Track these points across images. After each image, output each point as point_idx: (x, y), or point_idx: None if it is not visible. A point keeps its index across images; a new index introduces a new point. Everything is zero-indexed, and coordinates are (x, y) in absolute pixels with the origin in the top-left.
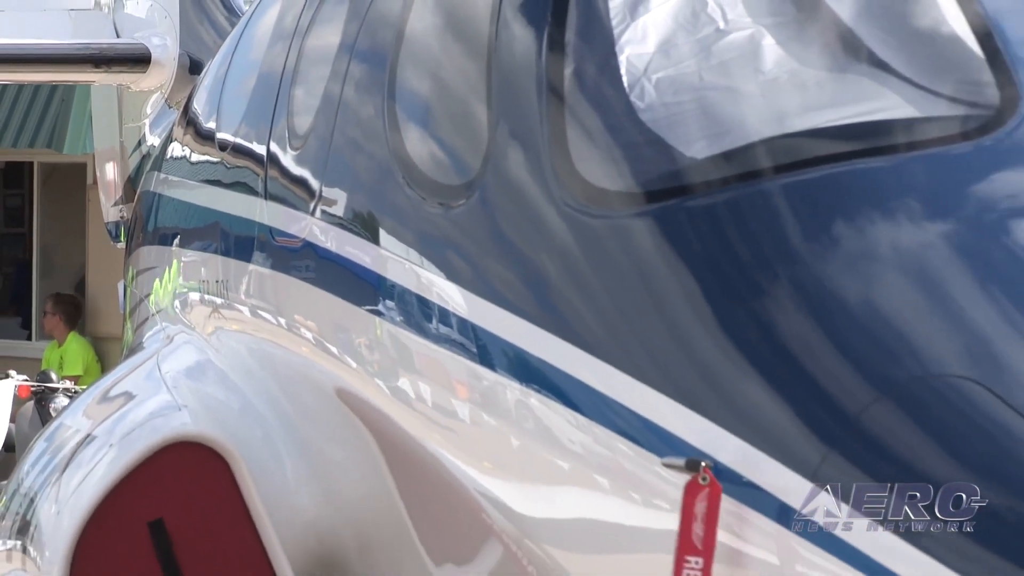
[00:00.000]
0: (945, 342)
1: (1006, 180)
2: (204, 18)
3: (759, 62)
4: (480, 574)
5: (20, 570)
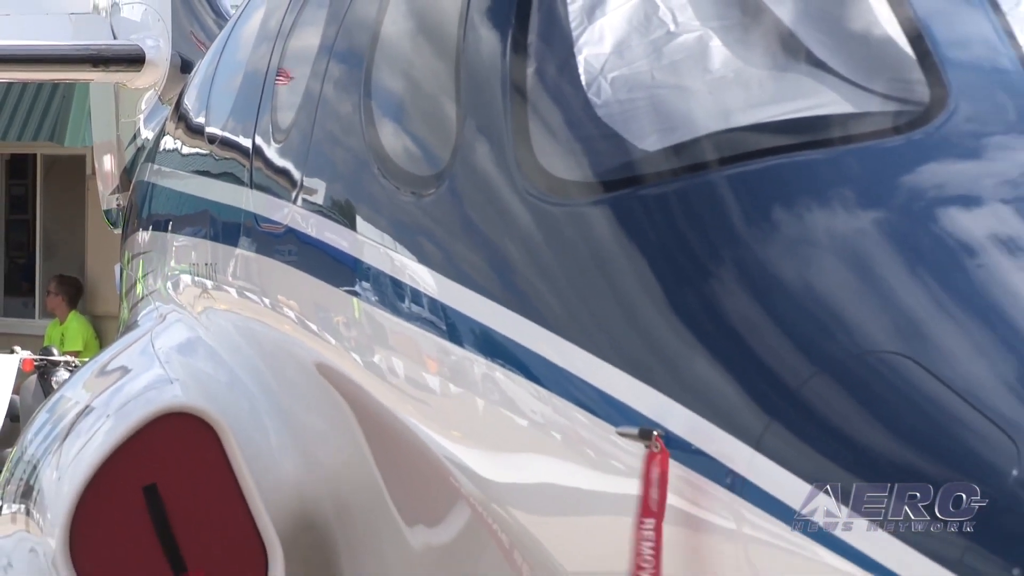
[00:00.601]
0: (877, 321)
1: (934, 171)
2: (194, 21)
3: (706, 62)
4: (449, 535)
5: (24, 531)
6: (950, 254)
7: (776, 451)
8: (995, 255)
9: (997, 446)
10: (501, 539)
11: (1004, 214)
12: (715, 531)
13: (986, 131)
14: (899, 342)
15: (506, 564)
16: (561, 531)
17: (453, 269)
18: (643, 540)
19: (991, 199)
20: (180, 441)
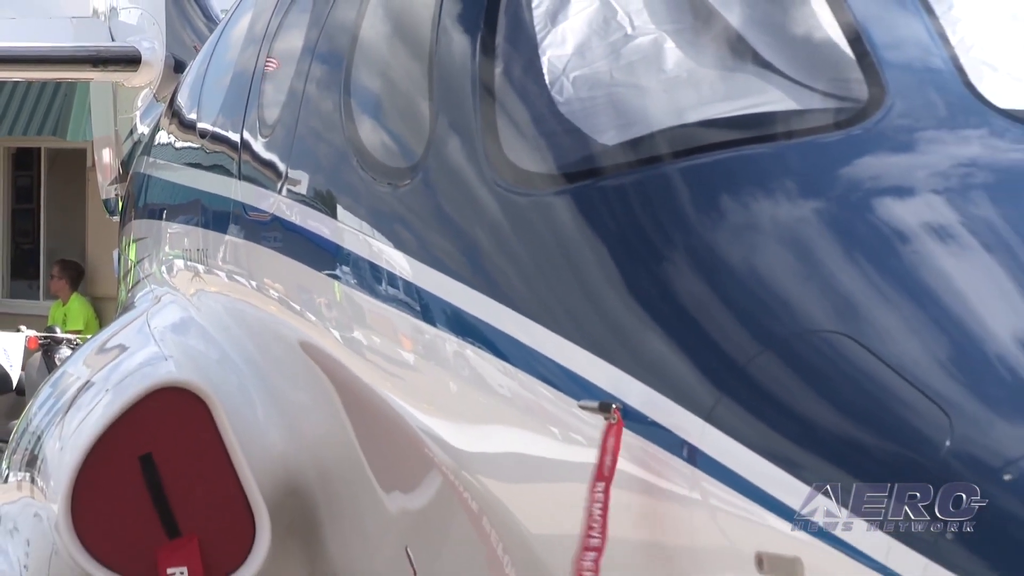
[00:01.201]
0: (817, 302)
1: (871, 164)
2: (187, 25)
3: (661, 63)
4: (423, 500)
5: (29, 497)
6: (885, 241)
7: (726, 423)
8: (927, 242)
9: (930, 418)
10: (470, 504)
11: (935, 203)
12: (670, 497)
13: (920, 127)
14: (838, 322)
15: (475, 527)
16: (526, 496)
17: (426, 254)
18: (594, 502)
19: (923, 190)
20: (174, 414)
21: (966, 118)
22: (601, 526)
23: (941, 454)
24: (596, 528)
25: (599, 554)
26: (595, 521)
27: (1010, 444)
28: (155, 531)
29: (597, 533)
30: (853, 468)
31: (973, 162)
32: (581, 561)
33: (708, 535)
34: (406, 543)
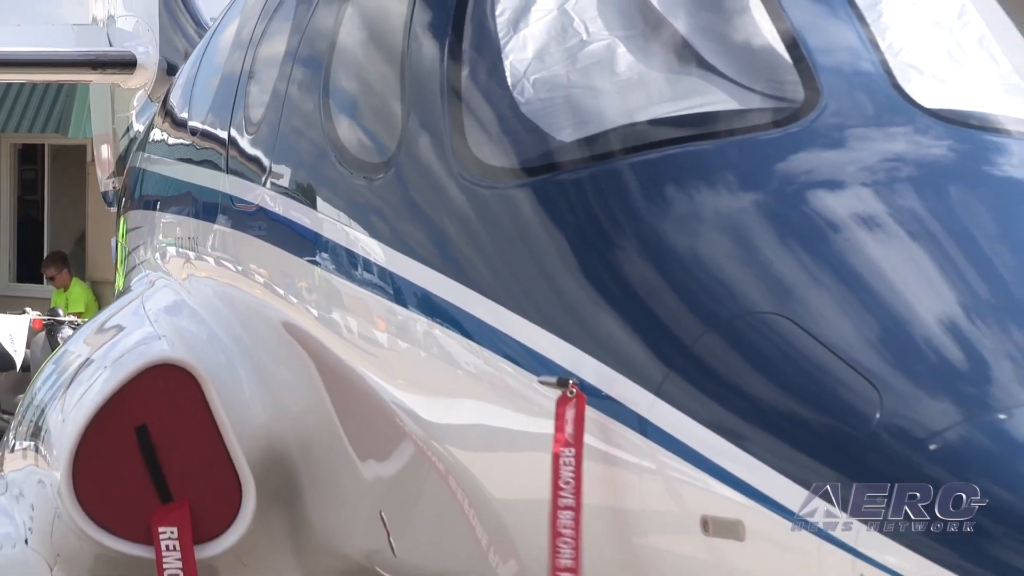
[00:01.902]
0: (757, 286)
1: (806, 160)
2: (178, 31)
3: (613, 66)
4: (396, 467)
5: (33, 466)
6: (819, 230)
7: (673, 397)
8: (856, 231)
9: (861, 392)
10: (440, 470)
11: (865, 196)
12: (622, 464)
13: (851, 125)
14: (775, 304)
15: (443, 492)
16: (490, 464)
17: (398, 242)
18: (562, 467)
19: (853, 183)
20: (167, 388)
21: (894, 117)
22: (574, 489)
23: (871, 426)
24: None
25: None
26: (565, 483)
27: (934, 416)
28: (149, 496)
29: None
30: (790, 438)
31: (899, 157)
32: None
33: (658, 500)
34: (380, 507)
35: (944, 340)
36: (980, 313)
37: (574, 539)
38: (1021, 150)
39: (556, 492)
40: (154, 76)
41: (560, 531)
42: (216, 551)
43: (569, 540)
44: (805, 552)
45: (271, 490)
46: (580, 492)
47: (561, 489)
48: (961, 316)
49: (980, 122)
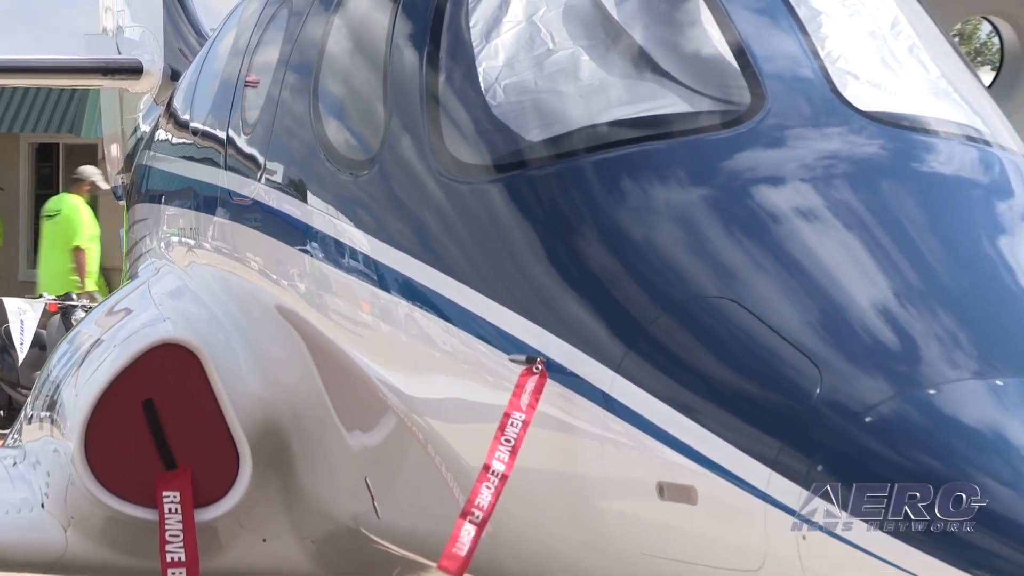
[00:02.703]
0: (708, 273)
1: (752, 157)
2: (181, 40)
3: (577, 73)
4: (379, 437)
5: (49, 436)
6: (763, 221)
7: (632, 374)
8: (797, 222)
9: (802, 370)
10: (419, 440)
11: (804, 190)
12: (586, 435)
13: (793, 126)
14: (724, 288)
15: (423, 460)
16: (465, 434)
17: (381, 232)
18: (508, 426)
19: (795, 179)
20: (171, 366)
21: (832, 118)
22: (512, 450)
23: (812, 400)
24: (504, 448)
25: (504, 477)
26: (506, 442)
27: (869, 392)
28: (154, 463)
29: (504, 454)
30: (738, 411)
31: (836, 155)
32: (486, 473)
33: (618, 467)
34: (365, 474)
35: (877, 323)
36: (910, 298)
37: (495, 492)
38: (947, 148)
39: (494, 446)
40: (159, 81)
41: (488, 477)
42: (216, 514)
43: (491, 487)
44: (751, 514)
45: (265, 458)
46: (515, 455)
47: (500, 445)
48: (893, 301)
49: (911, 123)
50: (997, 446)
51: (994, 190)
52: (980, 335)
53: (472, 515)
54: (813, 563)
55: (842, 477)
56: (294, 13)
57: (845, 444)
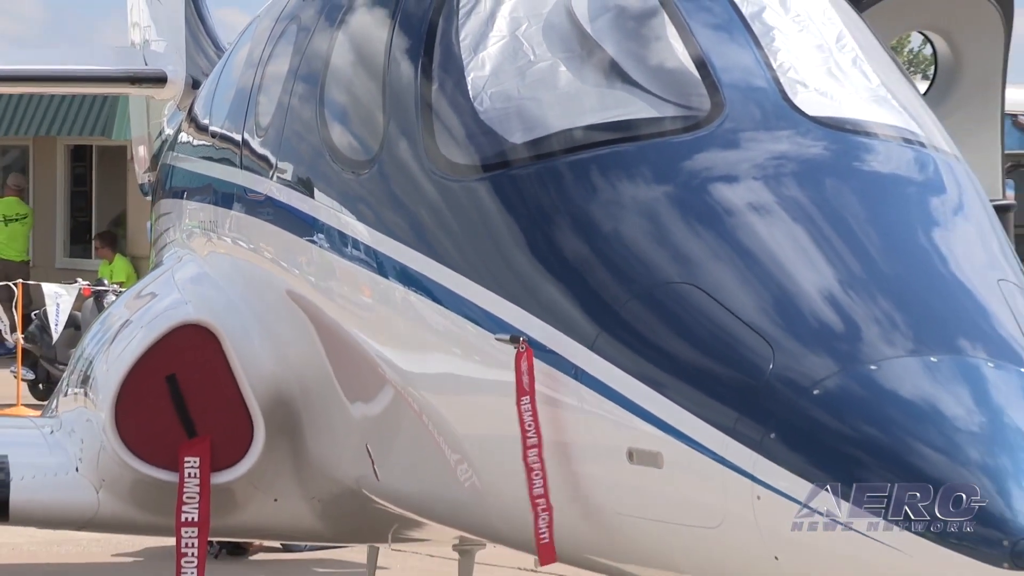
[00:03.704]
0: (672, 261)
1: (712, 158)
2: (201, 53)
3: (555, 83)
4: (379, 408)
5: (83, 407)
6: (722, 215)
7: (605, 351)
8: (752, 216)
9: (757, 348)
10: (415, 410)
11: (758, 187)
12: (563, 407)
13: (748, 129)
14: (686, 275)
15: (418, 427)
16: (456, 405)
17: (381, 225)
18: (524, 412)
19: (749, 177)
20: (192, 344)
21: (783, 123)
22: (535, 429)
23: (765, 375)
24: (531, 433)
25: (539, 449)
26: (528, 426)
27: (817, 368)
28: (177, 431)
29: (533, 434)
30: (699, 385)
31: (787, 156)
32: (527, 458)
33: (592, 435)
34: (366, 441)
35: (823, 306)
36: (852, 284)
37: (542, 470)
38: (886, 149)
39: (524, 433)
40: (181, 89)
41: (531, 466)
42: (232, 477)
43: (539, 472)
44: (712, 477)
45: (277, 427)
46: (540, 432)
47: (527, 431)
48: (837, 286)
49: (854, 127)
50: (929, 415)
51: (928, 187)
52: (915, 317)
53: (539, 505)
54: (766, 520)
55: (793, 444)
56: (302, 29)
57: (795, 414)
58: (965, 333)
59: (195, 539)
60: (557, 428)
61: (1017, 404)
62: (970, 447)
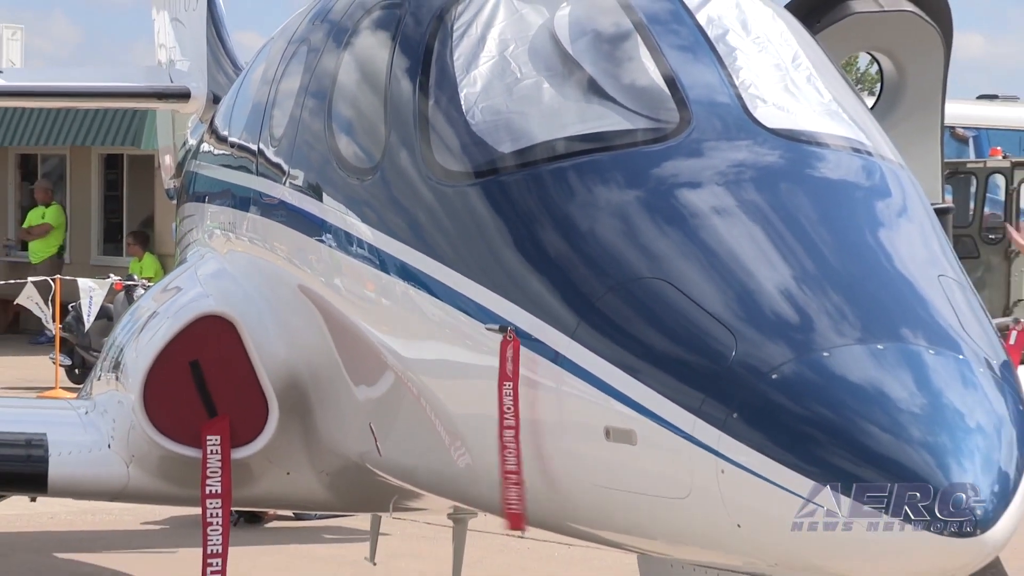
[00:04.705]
0: (643, 258)
1: (680, 165)
2: (221, 71)
3: (540, 98)
4: (381, 391)
5: (115, 390)
6: (689, 217)
7: (584, 339)
8: (716, 217)
9: (721, 337)
10: (413, 392)
11: (721, 192)
12: (546, 390)
13: (713, 139)
14: (657, 271)
15: (416, 408)
16: (450, 387)
17: (382, 225)
18: (505, 396)
19: (712, 183)
20: (213, 333)
21: (744, 134)
22: (513, 412)
23: (728, 362)
24: (509, 416)
25: (515, 431)
26: (507, 409)
27: (774, 355)
28: (199, 412)
29: (511, 417)
30: (669, 370)
31: (746, 164)
32: (503, 437)
33: (572, 415)
34: (370, 420)
35: (780, 299)
36: (806, 279)
37: (515, 449)
38: (837, 158)
39: (501, 414)
40: (203, 104)
41: (506, 444)
42: (250, 452)
43: (512, 450)
44: (680, 453)
45: (289, 407)
46: (518, 415)
47: (505, 413)
48: (792, 282)
49: (808, 138)
50: (875, 397)
51: (875, 192)
52: (862, 309)
53: (510, 479)
54: (729, 492)
55: (753, 423)
56: (312, 50)
57: (755, 396)
58: (908, 323)
59: (219, 509)
60: (541, 409)
61: (954, 387)
62: (911, 425)
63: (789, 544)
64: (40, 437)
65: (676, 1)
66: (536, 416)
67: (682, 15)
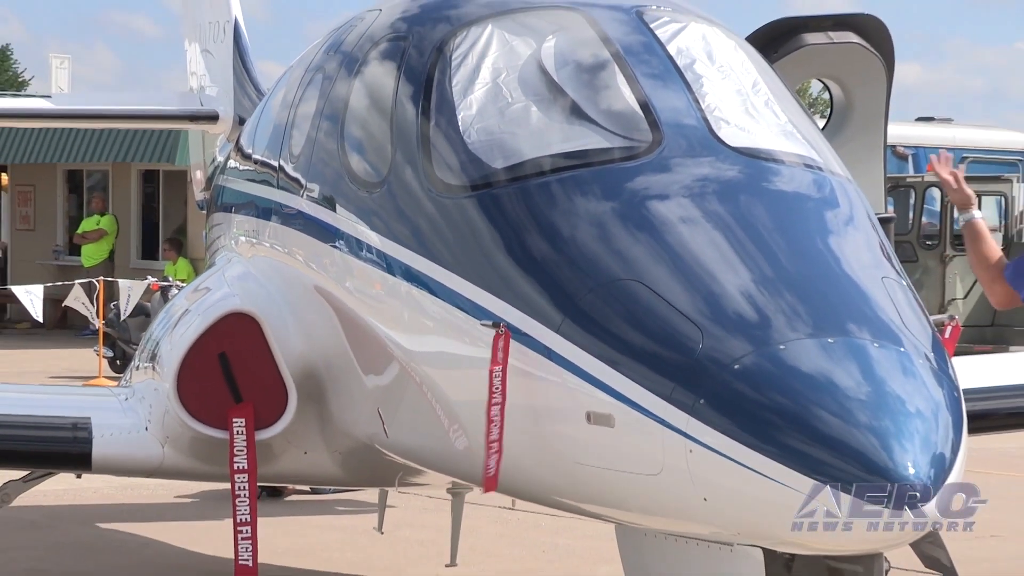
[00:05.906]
0: (620, 261)
1: (652, 180)
2: (245, 96)
3: (528, 120)
4: (388, 379)
5: (151, 379)
6: (660, 225)
7: (568, 334)
8: (684, 225)
9: (689, 332)
10: (416, 381)
11: (687, 204)
12: (534, 379)
13: (682, 156)
14: (633, 273)
15: (419, 395)
16: (449, 376)
17: (389, 233)
18: (494, 379)
19: (681, 195)
20: (239, 328)
21: (709, 152)
22: (501, 391)
23: (696, 354)
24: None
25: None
26: (495, 390)
27: (736, 348)
28: (227, 398)
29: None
30: (643, 361)
31: (711, 178)
32: (490, 412)
33: (557, 402)
34: (378, 406)
35: (741, 299)
36: (763, 281)
37: (500, 423)
38: (791, 173)
39: (490, 394)
40: (230, 125)
41: (492, 419)
42: (271, 434)
43: (497, 423)
44: (653, 434)
45: (306, 394)
46: (504, 395)
47: (494, 392)
48: (751, 283)
49: (766, 155)
50: (825, 385)
51: (825, 203)
52: (814, 307)
53: (491, 448)
54: (697, 469)
55: (718, 408)
56: (326, 77)
57: (720, 385)
58: (855, 319)
59: (246, 483)
60: (529, 395)
61: (896, 376)
62: (858, 410)
63: (750, 515)
64: (85, 421)
65: (649, 34)
66: (525, 402)
67: (654, 46)
